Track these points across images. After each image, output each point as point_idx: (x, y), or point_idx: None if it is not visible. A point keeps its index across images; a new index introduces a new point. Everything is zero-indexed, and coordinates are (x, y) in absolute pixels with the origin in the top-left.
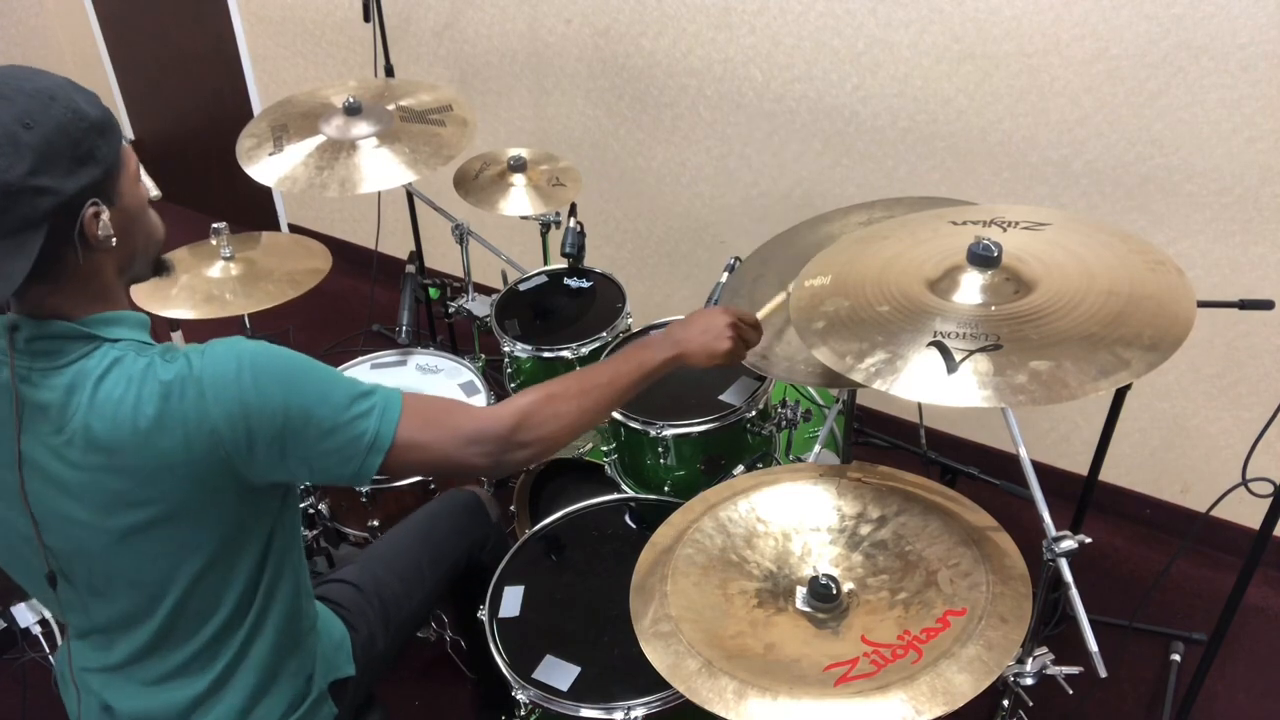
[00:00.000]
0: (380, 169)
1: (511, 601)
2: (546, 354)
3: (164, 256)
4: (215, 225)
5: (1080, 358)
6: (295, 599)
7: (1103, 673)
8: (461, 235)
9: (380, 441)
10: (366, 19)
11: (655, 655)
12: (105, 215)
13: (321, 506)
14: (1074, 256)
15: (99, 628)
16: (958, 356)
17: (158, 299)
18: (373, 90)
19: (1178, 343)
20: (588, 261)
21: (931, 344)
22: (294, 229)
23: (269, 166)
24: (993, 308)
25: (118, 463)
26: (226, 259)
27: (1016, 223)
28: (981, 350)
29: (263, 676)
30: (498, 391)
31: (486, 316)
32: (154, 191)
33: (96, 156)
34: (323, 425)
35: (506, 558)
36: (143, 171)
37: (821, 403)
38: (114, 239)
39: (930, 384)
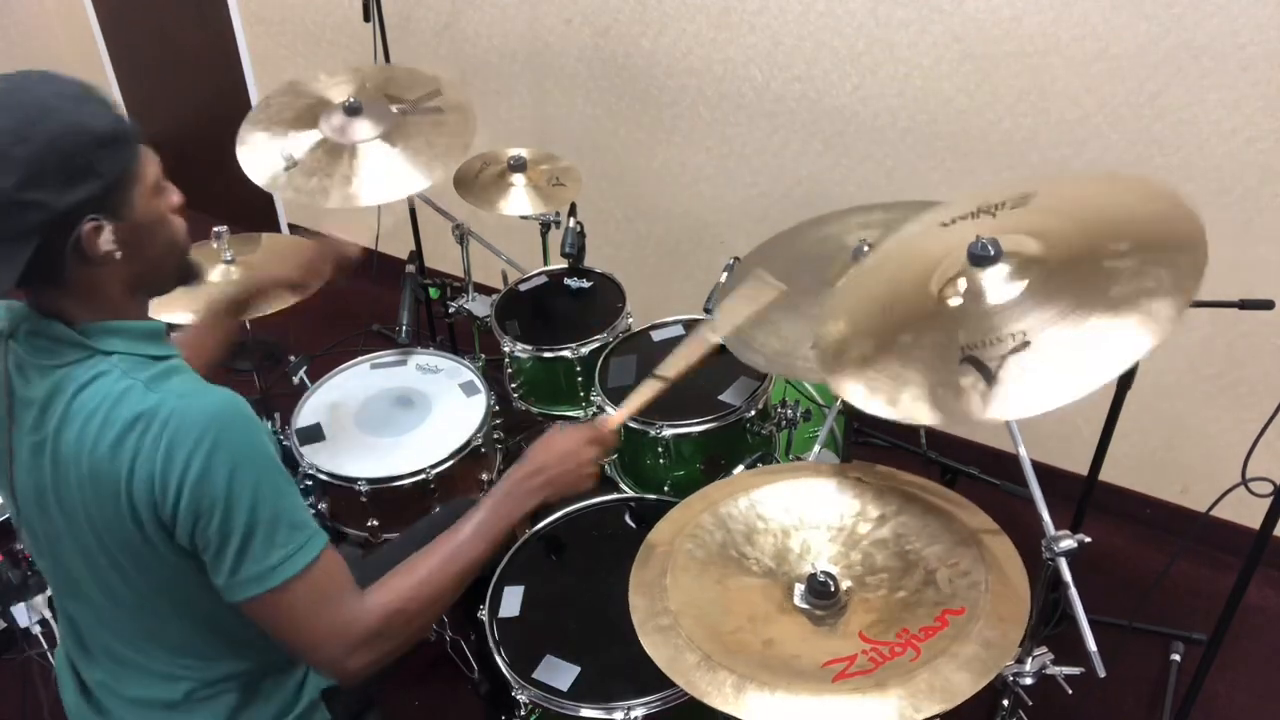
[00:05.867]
0: (383, 177)
1: (511, 601)
2: (547, 354)
3: (190, 263)
4: (216, 229)
5: (1109, 315)
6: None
7: (1102, 673)
8: (461, 235)
9: (279, 574)
10: (366, 19)
11: (654, 649)
12: (108, 231)
13: (321, 506)
14: (1070, 219)
15: (77, 624)
16: (992, 365)
17: (157, 300)
18: (369, 78)
19: (1199, 270)
20: (588, 261)
21: (964, 360)
22: (294, 229)
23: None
24: (1009, 300)
25: (72, 476)
26: (228, 263)
27: (1003, 203)
28: (1012, 352)
29: (239, 692)
30: (498, 391)
31: (486, 316)
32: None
33: (97, 170)
34: (240, 527)
35: (506, 557)
36: None
37: (821, 402)
38: (118, 254)
39: (978, 401)
